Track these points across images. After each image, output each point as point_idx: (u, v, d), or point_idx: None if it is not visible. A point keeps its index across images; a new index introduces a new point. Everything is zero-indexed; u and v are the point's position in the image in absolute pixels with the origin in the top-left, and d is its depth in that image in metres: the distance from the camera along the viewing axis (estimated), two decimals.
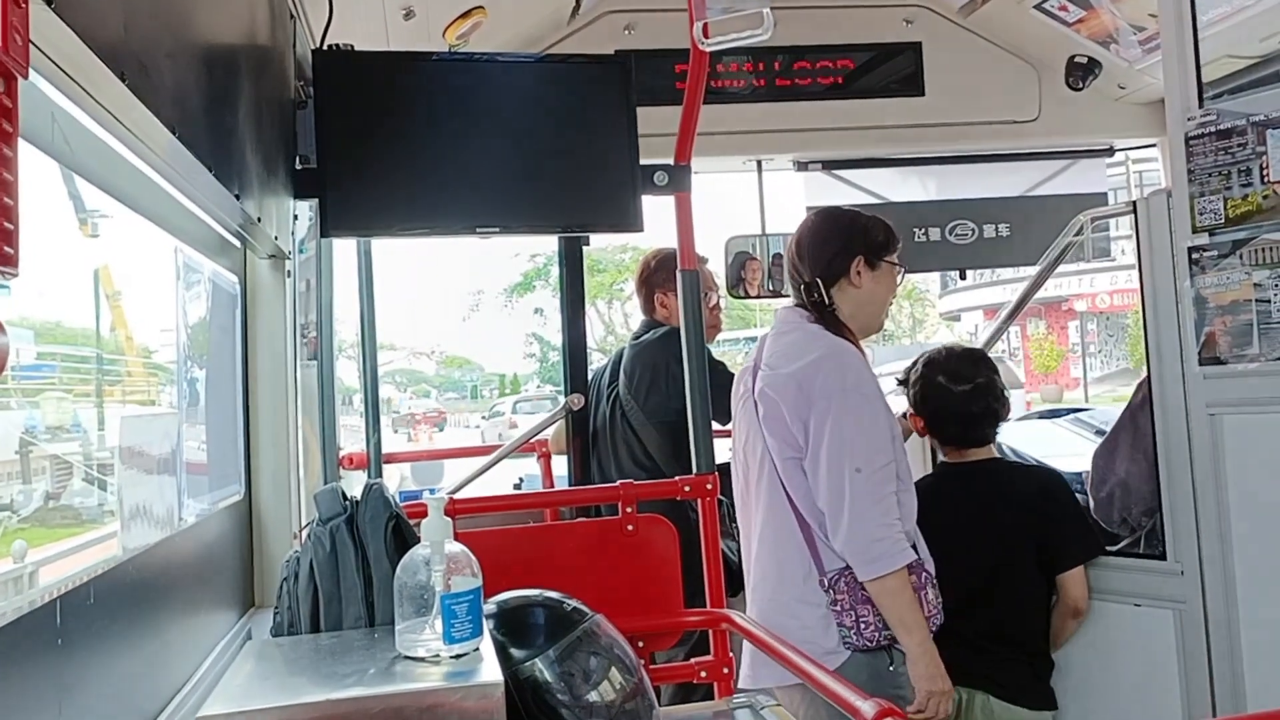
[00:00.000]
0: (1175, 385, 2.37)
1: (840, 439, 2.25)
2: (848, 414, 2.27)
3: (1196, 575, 2.35)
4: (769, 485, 2.37)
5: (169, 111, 1.21)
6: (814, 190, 3.88)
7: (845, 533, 2.23)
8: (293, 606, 1.65)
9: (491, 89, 2.39)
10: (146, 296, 1.58)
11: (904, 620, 2.23)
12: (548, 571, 2.19)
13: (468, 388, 42.30)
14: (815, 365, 2.31)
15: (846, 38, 3.69)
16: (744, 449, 2.47)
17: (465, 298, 46.95)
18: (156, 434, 1.56)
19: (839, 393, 2.28)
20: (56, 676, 1.10)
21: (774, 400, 2.33)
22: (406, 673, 1.35)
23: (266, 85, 2.02)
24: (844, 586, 2.26)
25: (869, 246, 2.44)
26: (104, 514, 1.31)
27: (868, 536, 2.22)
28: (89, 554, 1.24)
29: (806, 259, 2.46)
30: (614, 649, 1.94)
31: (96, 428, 1.31)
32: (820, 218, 2.54)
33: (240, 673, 1.41)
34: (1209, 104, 2.33)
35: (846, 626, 2.25)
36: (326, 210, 2.27)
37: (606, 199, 2.41)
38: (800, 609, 2.31)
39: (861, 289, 2.43)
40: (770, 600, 2.38)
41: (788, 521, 2.33)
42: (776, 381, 2.34)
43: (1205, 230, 2.31)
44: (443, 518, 1.46)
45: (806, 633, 2.26)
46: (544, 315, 37.31)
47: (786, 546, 2.34)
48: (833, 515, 2.25)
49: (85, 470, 1.27)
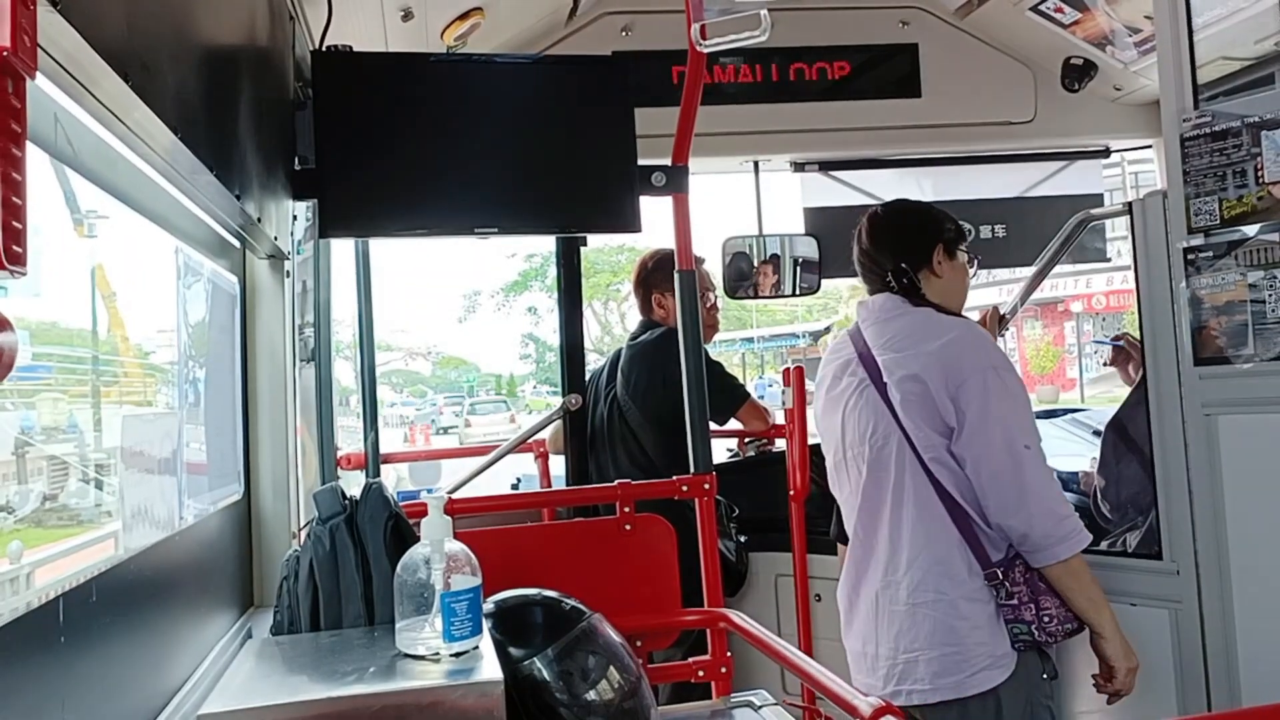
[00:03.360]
0: (1171, 385, 2.38)
1: (1004, 416, 2.17)
2: (1006, 391, 2.19)
3: (1192, 574, 2.36)
4: (912, 479, 2.24)
5: (171, 112, 1.21)
6: (810, 191, 3.90)
7: (1031, 513, 2.12)
8: (292, 605, 1.66)
9: (489, 90, 2.40)
10: (146, 296, 1.59)
11: (1093, 599, 2.17)
12: (545, 571, 2.19)
13: (464, 388, 42.27)
14: (957, 343, 2.22)
15: (843, 39, 3.70)
16: (867, 442, 2.31)
17: (461, 298, 46.86)
18: (157, 434, 1.56)
19: (990, 369, 2.19)
20: (60, 674, 1.11)
21: (918, 381, 2.21)
22: (407, 671, 1.36)
23: (266, 86, 2.03)
24: (1019, 578, 2.16)
25: (945, 236, 2.41)
26: (100, 515, 1.31)
27: (1055, 515, 2.13)
28: (86, 555, 1.25)
29: (886, 249, 2.40)
30: (612, 648, 1.95)
31: (93, 429, 1.32)
32: (894, 210, 2.49)
33: (240, 671, 1.41)
34: (1204, 105, 2.34)
35: (1026, 621, 2.15)
36: (325, 210, 2.28)
37: (604, 200, 2.41)
38: (970, 608, 2.18)
39: (944, 278, 2.39)
40: (934, 603, 2.20)
41: (939, 515, 2.20)
42: (916, 363, 2.23)
43: (1200, 231, 2.32)
44: (443, 516, 1.47)
45: (979, 634, 2.17)
46: (538, 315, 37.32)
47: (942, 542, 2.21)
48: (1009, 496, 2.14)
49: (82, 471, 1.28)
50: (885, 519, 2.28)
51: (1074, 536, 2.15)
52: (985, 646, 2.17)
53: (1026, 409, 2.25)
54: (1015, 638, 2.17)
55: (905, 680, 2.23)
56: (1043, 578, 2.18)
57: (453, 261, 51.25)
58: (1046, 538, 2.14)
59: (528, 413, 35.54)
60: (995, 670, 2.17)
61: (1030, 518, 2.13)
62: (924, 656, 2.21)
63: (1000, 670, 2.17)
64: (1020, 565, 2.18)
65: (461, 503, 2.45)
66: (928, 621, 2.20)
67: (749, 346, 36.51)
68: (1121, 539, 2.63)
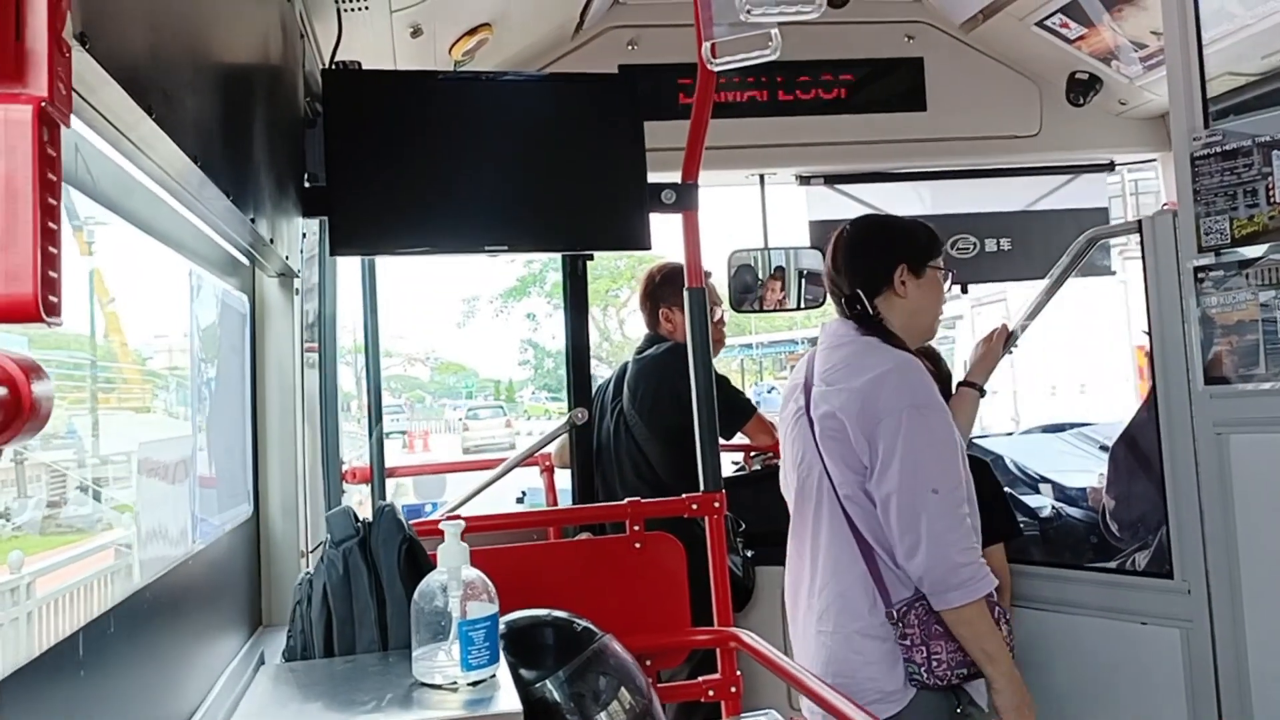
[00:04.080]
0: (1182, 404, 2.38)
1: (914, 458, 2.12)
2: (920, 431, 2.13)
3: (1204, 594, 2.36)
4: (829, 510, 2.24)
5: (191, 141, 1.21)
6: (816, 204, 3.90)
7: (925, 559, 2.09)
8: (306, 630, 1.65)
9: (498, 107, 2.40)
10: (158, 318, 1.58)
11: (986, 650, 2.12)
12: (554, 589, 2.19)
13: (462, 394, 42.24)
14: (879, 380, 2.18)
15: (848, 53, 3.71)
16: (796, 469, 2.34)
17: (461, 303, 46.87)
18: (173, 456, 1.56)
19: (909, 409, 2.14)
20: (80, 709, 1.10)
21: (835, 419, 2.20)
22: (425, 700, 1.35)
23: (278, 105, 2.03)
24: (914, 620, 2.14)
25: (911, 252, 2.34)
26: (96, 524, 1.30)
27: (949, 563, 2.09)
28: (87, 564, 1.24)
29: (844, 271, 2.36)
30: (624, 669, 1.95)
31: (95, 445, 1.31)
32: (856, 227, 2.43)
33: (256, 699, 1.40)
34: (1215, 124, 2.34)
35: (916, 663, 2.13)
36: (335, 228, 2.27)
37: (614, 217, 2.41)
38: (864, 644, 2.18)
39: (908, 298, 2.32)
40: (833, 633, 2.22)
41: (849, 549, 2.20)
42: (837, 399, 2.21)
43: (1211, 250, 2.32)
44: (459, 543, 1.46)
45: (871, 669, 2.17)
46: (537, 321, 37.34)
47: (848, 576, 2.21)
48: (908, 541, 2.11)
49: (82, 481, 1.27)
50: (807, 544, 2.32)
51: (968, 585, 2.10)
52: (875, 682, 2.17)
53: (945, 450, 2.18)
54: (910, 676, 2.16)
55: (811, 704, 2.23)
56: (940, 621, 2.15)
57: (452, 267, 51.23)
58: (939, 584, 2.11)
59: (526, 418, 35.62)
60: (883, 704, 2.14)
61: (925, 562, 2.11)
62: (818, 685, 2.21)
63: (889, 705, 2.15)
64: (921, 607, 2.15)
65: (471, 521, 2.44)
66: (824, 650, 2.24)
67: (748, 353, 36.52)
68: (1131, 558, 2.63)
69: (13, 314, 0.61)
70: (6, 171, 0.60)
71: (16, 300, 0.60)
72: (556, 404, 36.30)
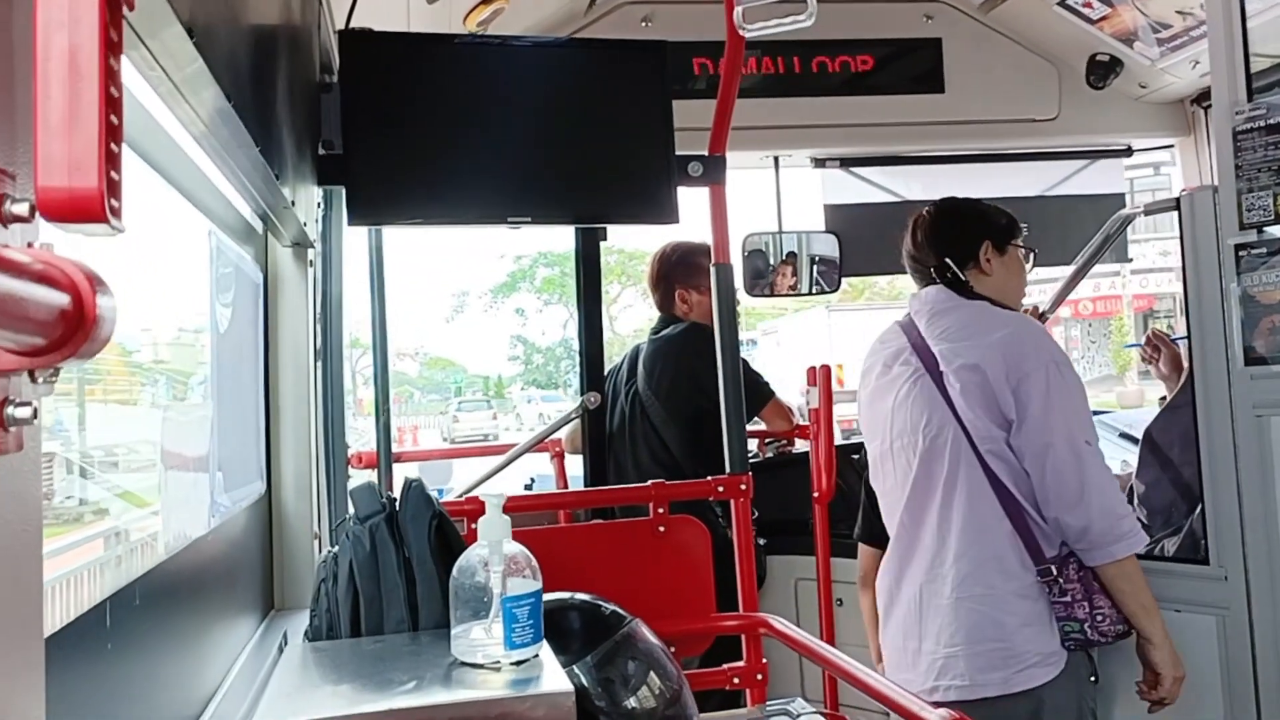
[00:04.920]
0: (1220, 385, 2.32)
1: (1066, 411, 2.13)
2: (1066, 387, 2.15)
3: (1241, 580, 2.29)
4: (966, 470, 2.18)
5: (225, 76, 1.13)
6: (831, 188, 3.83)
7: (1091, 511, 2.09)
8: (331, 609, 1.57)
9: (520, 73, 2.32)
10: (179, 282, 1.50)
11: (1145, 604, 2.13)
12: (575, 573, 2.11)
13: (451, 389, 42.04)
14: (1017, 336, 2.19)
15: (866, 32, 3.64)
16: (909, 433, 2.26)
17: (450, 298, 46.72)
18: (192, 430, 1.48)
19: (1053, 365, 2.15)
20: (107, 682, 1.02)
21: (978, 370, 2.16)
22: (468, 680, 1.27)
23: (297, 66, 1.94)
24: (1074, 575, 2.13)
25: (994, 231, 2.37)
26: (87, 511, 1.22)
27: (1114, 514, 2.10)
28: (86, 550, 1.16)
29: (929, 246, 2.37)
30: (654, 654, 1.87)
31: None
32: (939, 210, 2.45)
33: (287, 680, 1.32)
34: (1258, 98, 2.27)
35: (1078, 620, 2.12)
36: (353, 198, 2.18)
37: (641, 190, 2.32)
38: (1020, 605, 2.14)
39: (993, 275, 2.34)
40: (982, 597, 2.16)
41: (993, 508, 2.16)
42: (975, 352, 2.18)
43: (1253, 227, 2.26)
44: (501, 515, 1.38)
45: (1028, 631, 2.13)
46: (525, 316, 37.23)
47: (995, 536, 2.16)
48: (1070, 491, 2.10)
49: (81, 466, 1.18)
50: (934, 511, 2.23)
51: (1131, 536, 2.11)
52: (1033, 644, 2.13)
53: (1086, 406, 2.22)
54: (1066, 636, 2.13)
55: (944, 675, 2.17)
56: (1096, 577, 2.14)
57: (441, 261, 51.08)
58: (1104, 535, 2.10)
59: (515, 415, 35.55)
60: (1042, 669, 2.13)
61: (1090, 514, 2.09)
62: (966, 652, 2.16)
63: (1048, 669, 2.13)
64: (1074, 563, 2.14)
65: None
66: (972, 616, 2.16)
67: (752, 348, 36.40)
68: (1160, 545, 2.57)
69: (75, 211, 0.53)
70: (71, 45, 0.52)
71: (80, 196, 0.52)
72: (549, 405, 36.32)
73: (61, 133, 0.52)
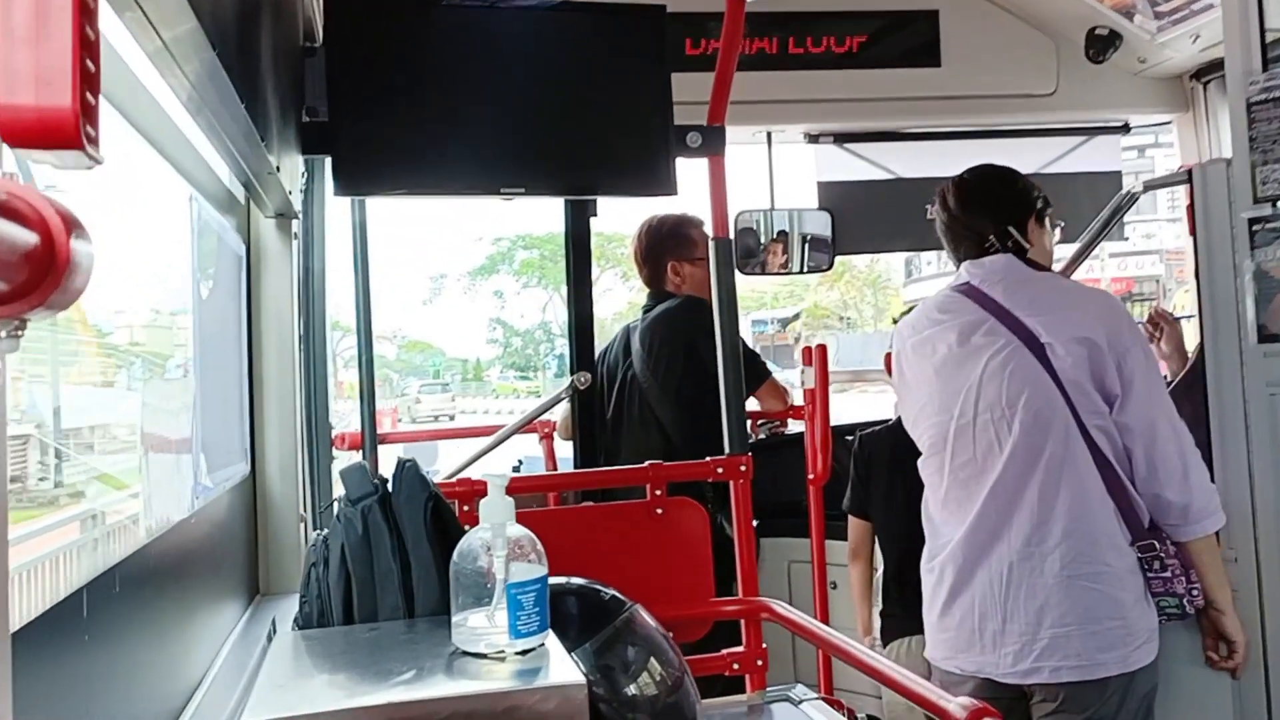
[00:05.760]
0: (1232, 363, 2.26)
1: (1163, 389, 2.18)
2: (1156, 364, 2.20)
3: (1252, 562, 2.25)
4: (1069, 445, 2.12)
5: (211, 27, 1.04)
6: (825, 164, 3.75)
7: (1192, 486, 2.11)
8: (323, 595, 1.49)
9: (512, 36, 2.21)
10: (160, 251, 1.42)
11: (1222, 576, 2.16)
12: (570, 556, 2.03)
13: (429, 372, 41.78)
14: (1112, 309, 2.22)
15: (862, 4, 3.56)
16: (1002, 406, 2.16)
17: (428, 281, 46.45)
18: (174, 406, 1.39)
19: (1144, 341, 2.20)
20: (84, 674, 0.94)
21: (1088, 341, 2.12)
22: (473, 670, 1.19)
23: (281, 27, 1.85)
24: (1172, 549, 2.13)
25: (1040, 200, 2.36)
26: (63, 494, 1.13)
27: (1209, 489, 2.13)
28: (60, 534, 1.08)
29: (982, 214, 2.30)
30: (654, 640, 1.81)
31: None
32: (985, 175, 2.40)
33: (278, 670, 1.25)
34: (1273, 68, 2.22)
35: (1177, 595, 2.12)
36: (339, 167, 2.09)
37: (637, 161, 2.24)
38: (1132, 581, 2.12)
39: (1035, 245, 2.31)
40: (1097, 575, 2.10)
41: (1096, 484, 2.12)
42: (1083, 326, 2.14)
43: (1267, 200, 2.20)
44: (505, 497, 1.31)
45: (1139, 607, 2.11)
46: (504, 299, 37.05)
47: (1102, 512, 2.12)
48: (1173, 468, 2.11)
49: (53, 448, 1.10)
50: (1033, 488, 2.13)
51: (1219, 512, 2.15)
52: (1144, 619, 2.13)
53: None
54: (1162, 610, 2.14)
55: (1052, 656, 2.10)
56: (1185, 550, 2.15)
57: (419, 242, 50.76)
58: (1201, 510, 2.12)
59: (495, 397, 35.51)
60: (1150, 644, 2.14)
61: (1192, 491, 2.11)
62: (1080, 631, 2.10)
63: (1153, 645, 2.14)
64: (1167, 537, 2.15)
65: (477, 484, 2.28)
66: (1089, 594, 2.10)
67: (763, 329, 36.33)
68: None
69: (46, 134, 0.44)
70: None
71: (51, 115, 0.44)
72: (526, 383, 36.25)
73: (28, 41, 0.44)
